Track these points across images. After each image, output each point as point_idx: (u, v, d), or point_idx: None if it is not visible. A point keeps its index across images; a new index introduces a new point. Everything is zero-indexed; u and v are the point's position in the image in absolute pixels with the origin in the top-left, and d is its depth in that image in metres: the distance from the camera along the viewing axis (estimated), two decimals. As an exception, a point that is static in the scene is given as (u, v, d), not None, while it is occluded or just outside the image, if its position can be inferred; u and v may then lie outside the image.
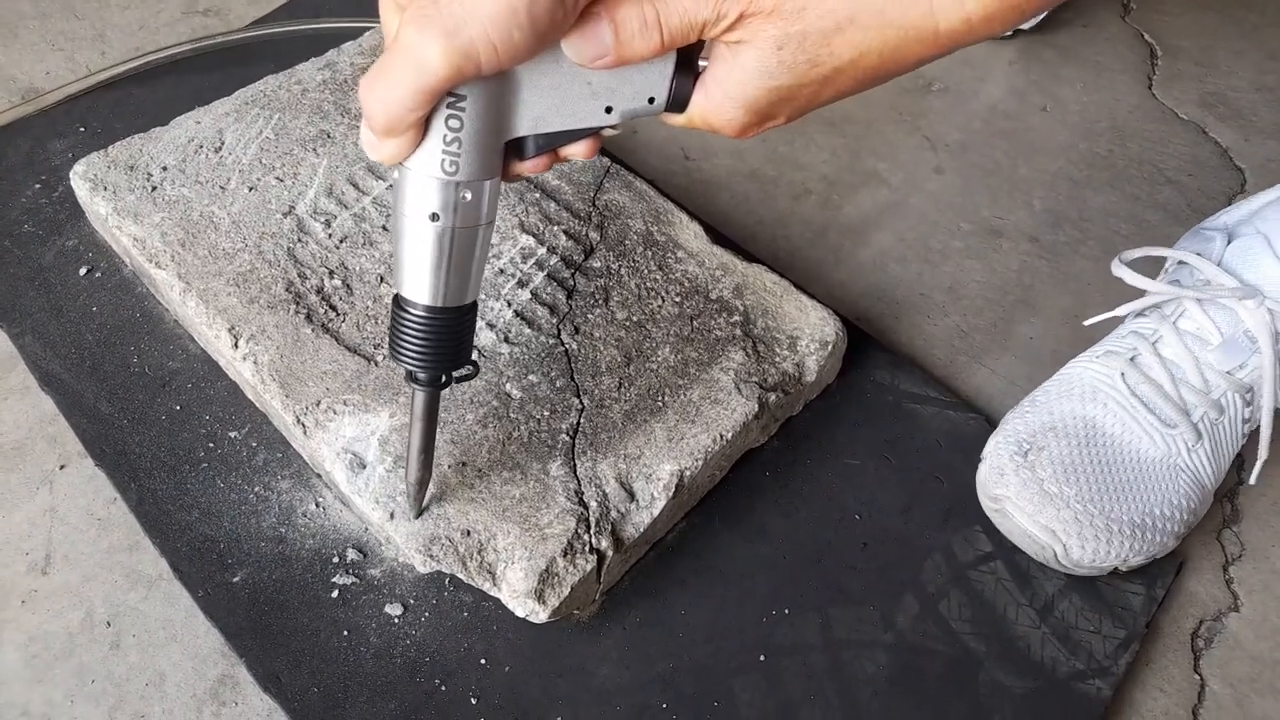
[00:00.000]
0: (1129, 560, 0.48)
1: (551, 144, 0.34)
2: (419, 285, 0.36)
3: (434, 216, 0.33)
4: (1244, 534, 0.54)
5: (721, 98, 0.33)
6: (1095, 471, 0.49)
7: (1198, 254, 0.52)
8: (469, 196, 0.33)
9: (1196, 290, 0.50)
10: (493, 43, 0.28)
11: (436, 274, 0.35)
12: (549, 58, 0.31)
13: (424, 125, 0.32)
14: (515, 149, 0.34)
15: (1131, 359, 0.51)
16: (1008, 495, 0.49)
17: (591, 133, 0.34)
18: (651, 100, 0.33)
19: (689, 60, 0.33)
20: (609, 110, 0.33)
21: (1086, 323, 0.55)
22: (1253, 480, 0.50)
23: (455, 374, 0.40)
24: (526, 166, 0.35)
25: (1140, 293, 0.52)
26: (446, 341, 0.37)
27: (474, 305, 0.38)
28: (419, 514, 0.45)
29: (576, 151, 0.35)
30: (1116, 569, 0.49)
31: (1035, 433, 0.50)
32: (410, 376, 0.39)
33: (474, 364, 0.40)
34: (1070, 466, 0.48)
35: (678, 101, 0.33)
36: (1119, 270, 0.52)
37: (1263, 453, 0.50)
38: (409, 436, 0.42)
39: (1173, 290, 0.50)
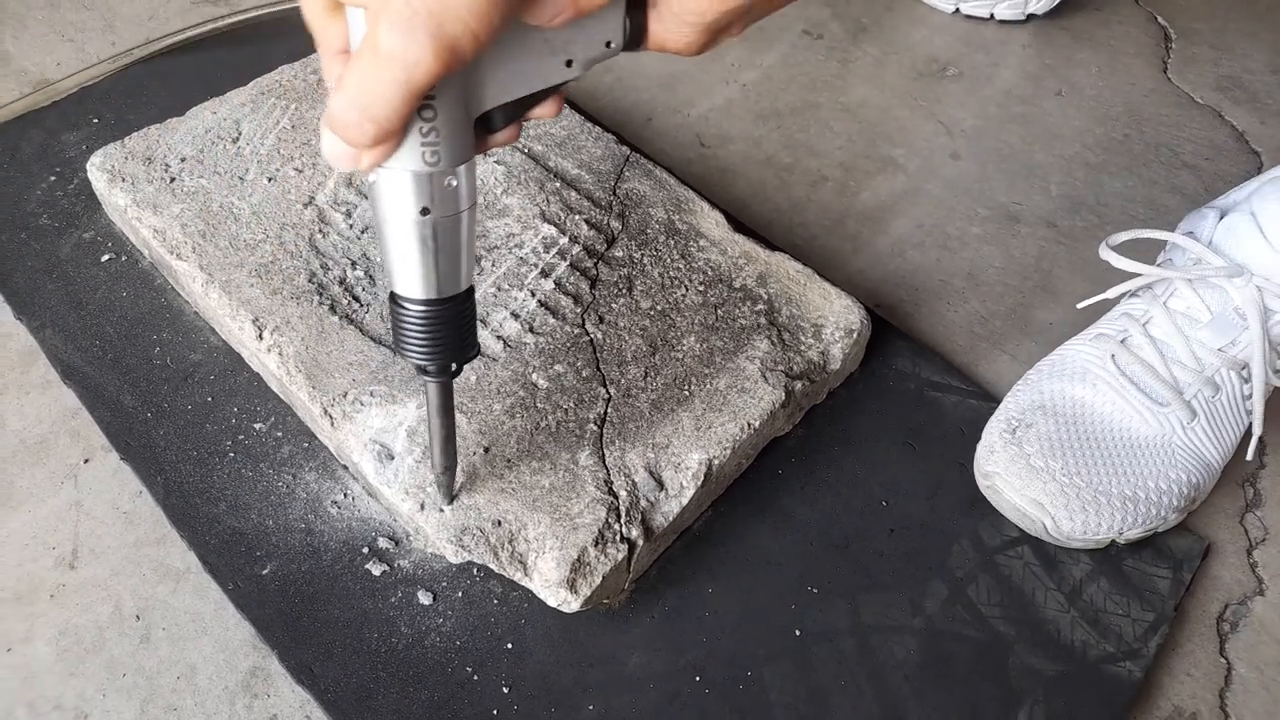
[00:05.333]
0: (1125, 532, 0.48)
1: (518, 111, 0.33)
2: (414, 281, 0.35)
3: (424, 210, 0.33)
4: (1267, 518, 0.54)
5: (675, 21, 0.32)
6: (1083, 447, 0.49)
7: (1187, 234, 0.52)
8: (453, 183, 0.33)
9: (1185, 270, 0.50)
10: (474, 31, 0.28)
11: (430, 267, 0.35)
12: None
13: None
14: (483, 123, 0.33)
15: (1122, 340, 0.52)
16: (997, 471, 0.50)
17: (555, 89, 0.34)
18: (609, 44, 0.33)
19: None
20: (569, 64, 0.33)
21: (1079, 305, 0.55)
22: (1249, 456, 0.51)
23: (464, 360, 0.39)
24: (499, 139, 0.34)
25: (1132, 274, 0.52)
26: (450, 331, 0.37)
27: (470, 291, 0.38)
28: (450, 501, 0.45)
29: (543, 112, 0.34)
30: (1114, 541, 0.49)
31: (1024, 410, 0.51)
32: (420, 370, 0.39)
33: (477, 346, 0.40)
34: (1057, 442, 0.49)
35: (634, 39, 0.33)
36: (1106, 254, 0.52)
37: (1257, 428, 0.50)
38: (429, 429, 0.42)
39: (1159, 272, 0.51)
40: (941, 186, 0.71)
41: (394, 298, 0.36)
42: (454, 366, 0.39)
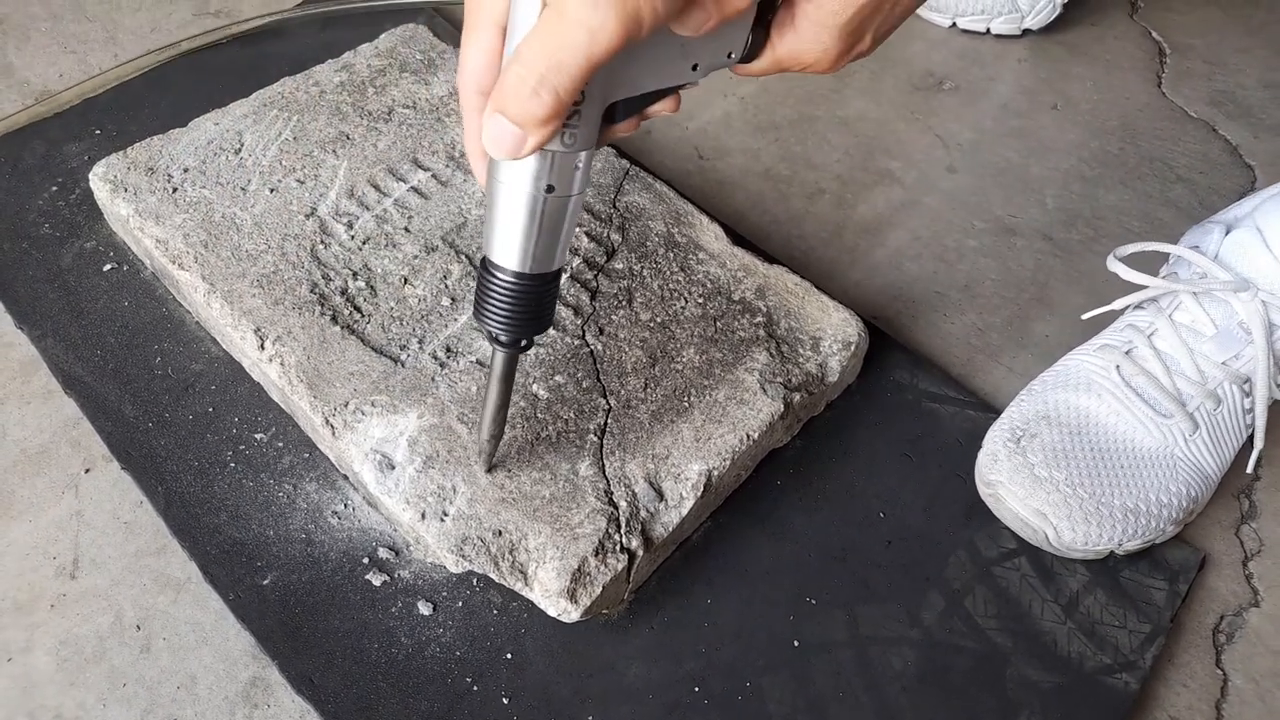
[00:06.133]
0: (1124, 544, 0.49)
1: (641, 105, 0.35)
2: (513, 252, 0.36)
3: (549, 189, 0.34)
4: (1262, 530, 0.54)
5: (814, 30, 0.34)
6: (1086, 458, 0.50)
7: (1193, 248, 0.53)
8: (579, 166, 0.34)
9: (1191, 284, 0.50)
10: (654, 4, 0.28)
11: (533, 242, 0.36)
12: None
13: None
14: (607, 114, 0.35)
15: (1127, 352, 0.52)
16: (1000, 480, 0.50)
17: (677, 89, 0.35)
18: (730, 55, 0.35)
19: (762, 13, 0.35)
20: (695, 68, 0.35)
21: (1084, 317, 0.56)
22: (1249, 469, 0.51)
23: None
24: (619, 129, 0.36)
25: (1137, 286, 0.53)
26: (532, 308, 0.38)
27: (559, 273, 0.39)
28: (489, 469, 0.46)
29: (662, 108, 0.36)
30: (1113, 552, 0.49)
31: (1029, 420, 0.51)
32: (493, 338, 0.40)
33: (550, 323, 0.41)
34: (1061, 452, 0.50)
35: (751, 54, 0.36)
36: (1114, 265, 0.53)
37: (1259, 442, 0.51)
38: (485, 395, 0.43)
39: (1166, 284, 0.51)
40: (938, 199, 0.71)
41: (486, 264, 0.37)
42: (524, 341, 0.40)
